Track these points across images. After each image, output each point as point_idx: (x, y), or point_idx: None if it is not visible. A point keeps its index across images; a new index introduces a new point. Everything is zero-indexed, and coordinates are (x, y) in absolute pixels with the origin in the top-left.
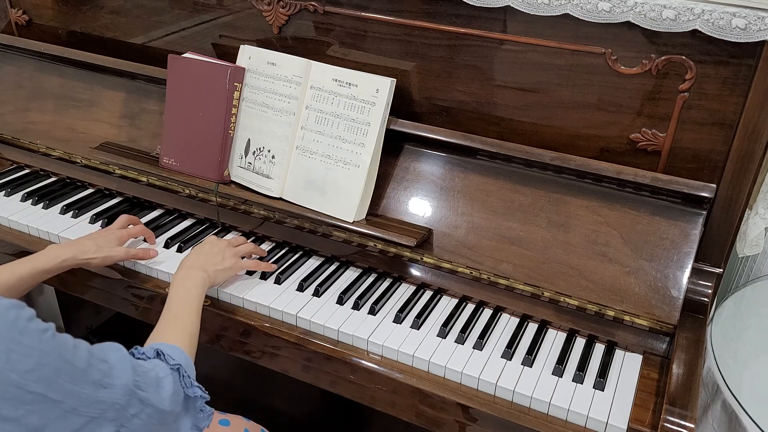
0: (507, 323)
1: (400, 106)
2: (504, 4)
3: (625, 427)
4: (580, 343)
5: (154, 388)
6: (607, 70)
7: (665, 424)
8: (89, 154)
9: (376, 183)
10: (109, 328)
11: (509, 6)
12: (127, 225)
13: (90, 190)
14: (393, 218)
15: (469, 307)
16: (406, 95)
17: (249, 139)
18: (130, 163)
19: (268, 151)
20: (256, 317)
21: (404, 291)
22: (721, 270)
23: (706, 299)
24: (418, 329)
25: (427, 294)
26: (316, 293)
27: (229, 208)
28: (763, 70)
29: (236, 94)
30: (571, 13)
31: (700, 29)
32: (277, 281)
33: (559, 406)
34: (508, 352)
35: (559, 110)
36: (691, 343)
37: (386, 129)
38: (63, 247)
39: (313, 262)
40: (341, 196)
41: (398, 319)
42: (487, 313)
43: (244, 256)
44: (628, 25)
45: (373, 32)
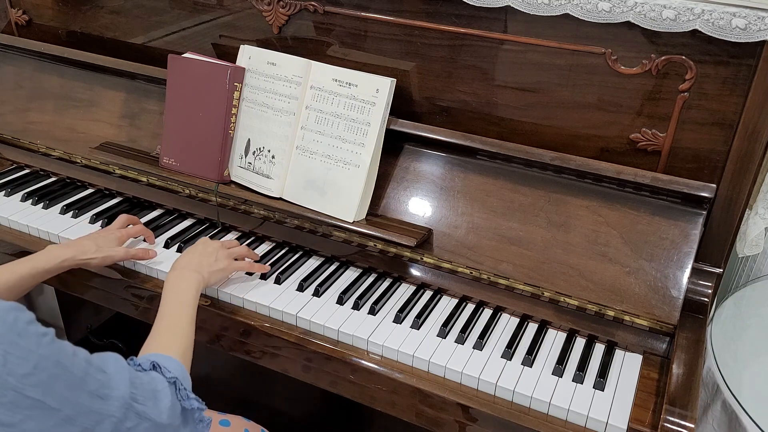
0: (507, 323)
1: (400, 106)
2: (504, 4)
3: (625, 427)
4: (580, 343)
5: (151, 402)
6: (607, 70)
7: (665, 424)
8: (89, 154)
9: (376, 183)
10: (109, 328)
11: (509, 6)
12: (127, 225)
13: (90, 190)
14: (393, 218)
15: (469, 307)
16: (406, 95)
17: (249, 139)
18: (130, 163)
19: (268, 151)
20: (256, 317)
21: (404, 291)
22: (721, 270)
23: (706, 299)
24: (418, 329)
25: (427, 294)
26: (316, 293)
27: (229, 208)
28: (763, 70)
29: (236, 94)
30: (571, 13)
31: (700, 29)
32: (277, 281)
33: (559, 406)
34: (508, 352)
35: (559, 110)
36: (691, 343)
37: (386, 129)
38: (63, 248)
39: (313, 262)
40: (341, 196)
41: (398, 319)
42: (487, 313)
43: (237, 258)
44: (628, 25)
45: (373, 32)
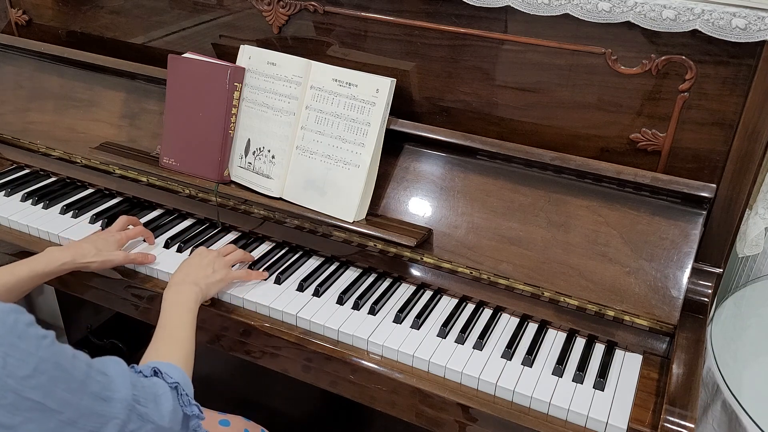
0: (507, 323)
1: (400, 106)
2: (504, 4)
3: (625, 427)
4: (580, 343)
5: (153, 404)
6: (607, 70)
7: (665, 424)
8: (89, 154)
9: (376, 183)
10: (109, 328)
11: (509, 6)
12: (127, 226)
13: (90, 190)
14: (393, 218)
15: (469, 307)
16: (406, 95)
17: (249, 139)
18: (130, 163)
19: (268, 151)
20: (256, 317)
21: (404, 291)
22: (721, 270)
23: (706, 299)
24: (418, 329)
25: (427, 294)
26: (316, 293)
27: (229, 208)
28: (763, 70)
29: (236, 94)
30: (571, 13)
31: (700, 29)
32: (277, 281)
33: (559, 406)
34: (508, 352)
35: (559, 110)
36: (691, 343)
37: (386, 129)
38: (62, 250)
39: (313, 262)
40: (341, 196)
41: (398, 319)
42: (487, 313)
43: (234, 264)
44: (628, 25)
45: (373, 32)
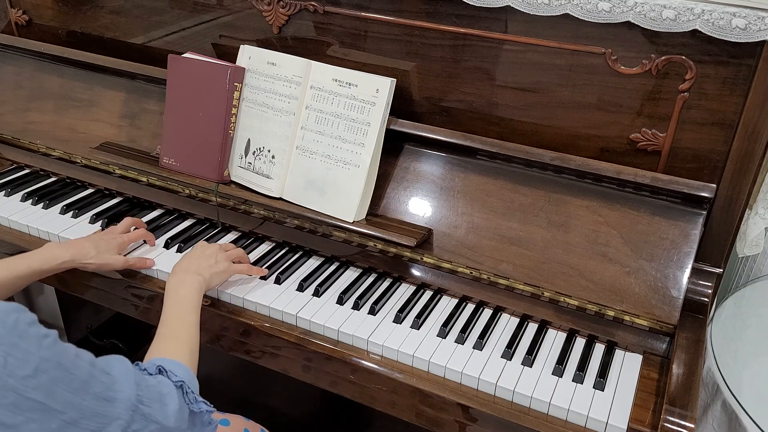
0: (507, 323)
1: (400, 106)
2: (504, 4)
3: (625, 427)
4: (580, 343)
5: (158, 404)
6: (607, 70)
7: (665, 424)
8: (89, 154)
9: (376, 183)
10: (109, 328)
11: (509, 6)
12: (131, 228)
13: (90, 190)
14: (393, 218)
15: (469, 307)
16: (406, 95)
17: (249, 139)
18: (130, 163)
19: (268, 151)
20: (256, 317)
21: (404, 291)
22: (721, 270)
23: (706, 299)
24: (418, 329)
25: (427, 294)
26: (316, 293)
27: (229, 208)
28: (763, 70)
29: (236, 94)
30: (571, 13)
31: (700, 29)
32: (277, 281)
33: (559, 406)
34: (508, 352)
35: (559, 110)
36: (691, 343)
37: (386, 129)
38: (62, 248)
39: (313, 262)
40: (341, 196)
41: (398, 319)
42: (487, 313)
43: (235, 261)
44: (628, 25)
45: (373, 32)
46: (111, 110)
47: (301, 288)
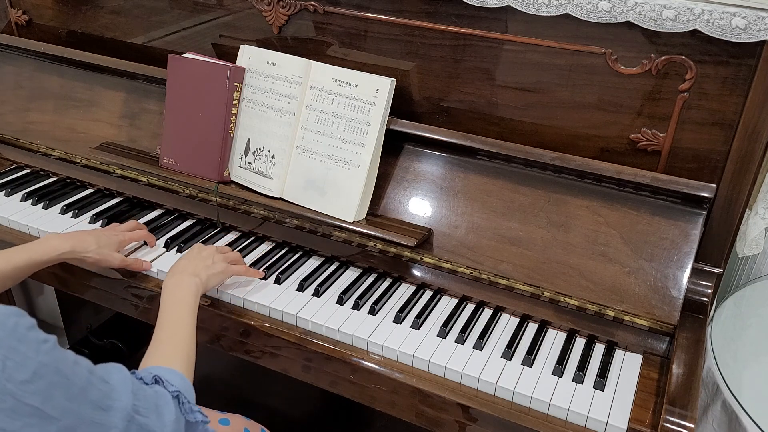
0: (507, 323)
1: (400, 106)
2: (504, 4)
3: (625, 427)
4: (580, 343)
5: (155, 415)
6: (607, 70)
7: (665, 424)
8: (89, 154)
9: (376, 183)
10: (109, 328)
11: (509, 6)
12: (134, 230)
13: (90, 190)
14: (393, 218)
15: (469, 307)
16: (406, 95)
17: (249, 139)
18: (130, 163)
19: (268, 151)
20: (256, 317)
21: (404, 291)
22: (721, 270)
23: (706, 299)
24: (418, 329)
25: (427, 294)
26: (316, 293)
27: (229, 208)
28: (763, 70)
29: (236, 94)
30: (571, 13)
31: (700, 29)
32: (277, 281)
33: (559, 406)
34: (508, 352)
35: (559, 110)
36: (691, 343)
37: (386, 129)
38: (62, 239)
39: (313, 262)
40: (341, 196)
41: (398, 319)
42: (487, 313)
43: (232, 263)
44: (628, 25)
45: (373, 32)
46: (111, 110)
47: (301, 288)
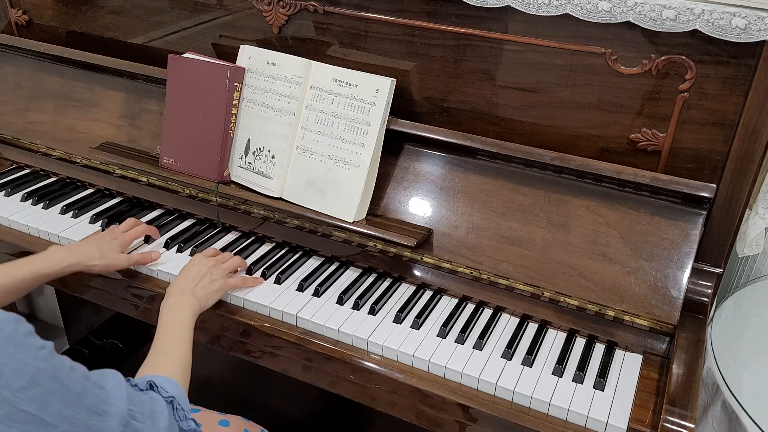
0: (507, 323)
1: (400, 106)
2: (504, 4)
3: (625, 427)
4: (580, 343)
5: (150, 421)
6: (607, 70)
7: (665, 424)
8: (89, 154)
9: (376, 183)
10: (109, 328)
11: (509, 6)
12: (132, 227)
13: (90, 190)
14: (393, 218)
15: (469, 307)
16: (406, 95)
17: (249, 139)
18: (130, 163)
19: (268, 151)
20: (256, 317)
21: (404, 291)
22: (721, 270)
23: (706, 299)
24: (418, 329)
25: (427, 294)
26: (316, 293)
27: (229, 208)
28: (763, 70)
29: (236, 94)
30: (571, 13)
31: (700, 29)
32: (277, 281)
33: (559, 406)
34: (508, 352)
35: (559, 110)
36: (691, 343)
37: (386, 129)
38: (66, 252)
39: (313, 262)
40: (341, 196)
41: (398, 319)
42: (487, 313)
43: (232, 271)
44: (628, 25)
45: (373, 32)
46: (111, 110)
47: (301, 288)
